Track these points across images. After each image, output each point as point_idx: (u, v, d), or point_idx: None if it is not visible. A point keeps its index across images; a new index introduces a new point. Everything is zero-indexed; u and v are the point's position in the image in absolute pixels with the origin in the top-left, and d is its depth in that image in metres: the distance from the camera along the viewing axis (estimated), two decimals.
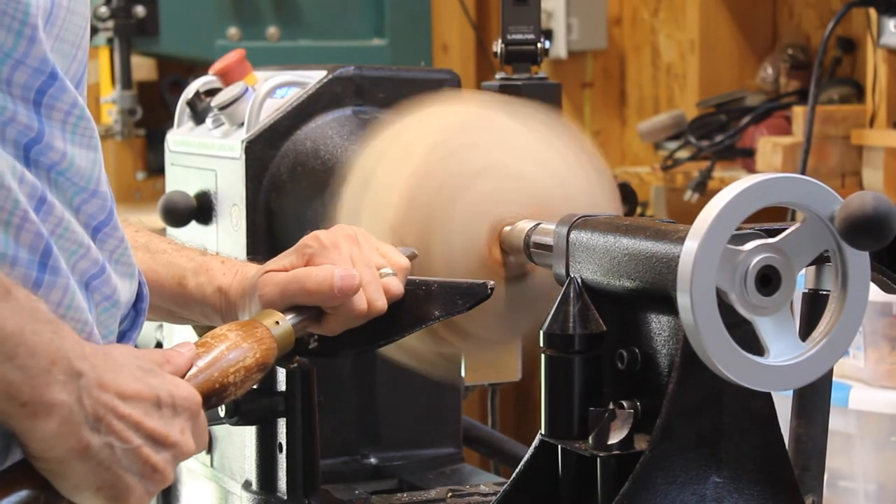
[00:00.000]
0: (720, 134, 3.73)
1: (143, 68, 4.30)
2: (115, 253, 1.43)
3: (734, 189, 1.32)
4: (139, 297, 1.51)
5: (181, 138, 2.29)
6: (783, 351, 1.35)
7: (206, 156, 2.20)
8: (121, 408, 1.29)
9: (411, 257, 1.71)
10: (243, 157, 2.09)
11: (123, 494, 1.31)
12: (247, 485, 1.81)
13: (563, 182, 1.76)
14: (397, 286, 1.66)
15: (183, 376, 1.41)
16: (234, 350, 1.47)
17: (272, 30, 4.14)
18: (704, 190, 3.63)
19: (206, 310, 1.71)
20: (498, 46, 2.23)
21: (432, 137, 1.79)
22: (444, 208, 1.72)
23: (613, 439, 1.46)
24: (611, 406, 1.49)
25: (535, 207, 1.72)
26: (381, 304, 1.64)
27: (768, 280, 1.33)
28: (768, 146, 3.47)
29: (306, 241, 1.66)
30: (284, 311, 1.59)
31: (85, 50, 1.42)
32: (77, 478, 1.29)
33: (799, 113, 3.43)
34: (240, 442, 2.01)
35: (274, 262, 1.66)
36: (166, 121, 3.76)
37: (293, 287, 1.61)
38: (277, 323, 1.55)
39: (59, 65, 1.35)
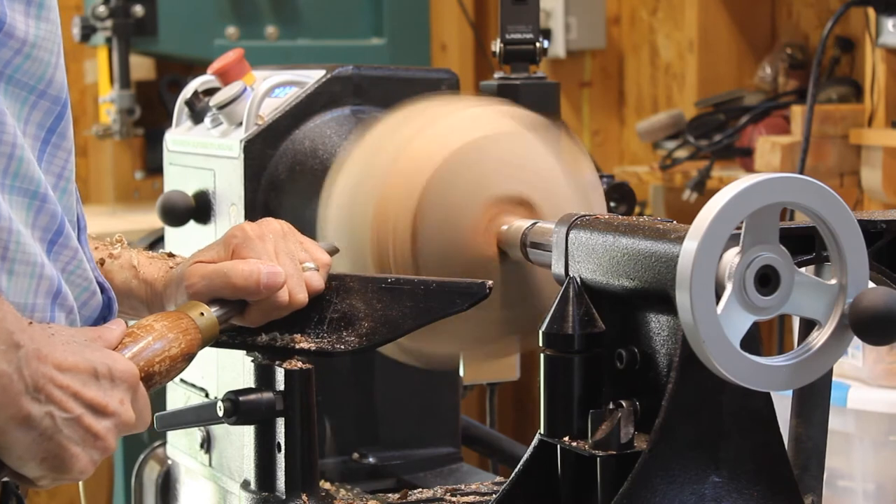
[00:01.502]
0: (719, 133, 3.73)
1: (142, 68, 4.30)
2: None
3: (733, 189, 1.32)
4: (110, 311, 1.54)
5: (180, 138, 2.29)
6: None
7: (204, 155, 2.20)
8: (59, 378, 1.33)
9: (332, 252, 1.75)
10: (242, 156, 2.09)
11: (68, 463, 1.35)
12: (245, 484, 1.81)
13: (555, 166, 1.78)
14: (318, 281, 1.70)
15: (114, 350, 1.45)
16: (159, 340, 1.52)
17: (271, 29, 4.14)
18: (703, 189, 3.63)
19: (133, 302, 1.74)
20: (496, 46, 2.23)
21: (426, 131, 1.79)
22: (436, 194, 1.73)
23: (613, 439, 1.46)
24: (610, 406, 1.49)
25: (532, 184, 1.74)
26: (302, 297, 1.68)
27: (767, 280, 1.33)
28: (767, 145, 3.47)
29: (233, 232, 1.70)
30: (209, 302, 1.64)
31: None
32: (21, 448, 1.32)
33: (797, 112, 3.43)
34: (238, 441, 2.01)
35: (201, 253, 1.70)
36: (165, 120, 3.77)
37: (219, 280, 1.65)
38: (202, 314, 1.60)
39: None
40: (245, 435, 1.81)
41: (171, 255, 1.78)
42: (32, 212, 1.41)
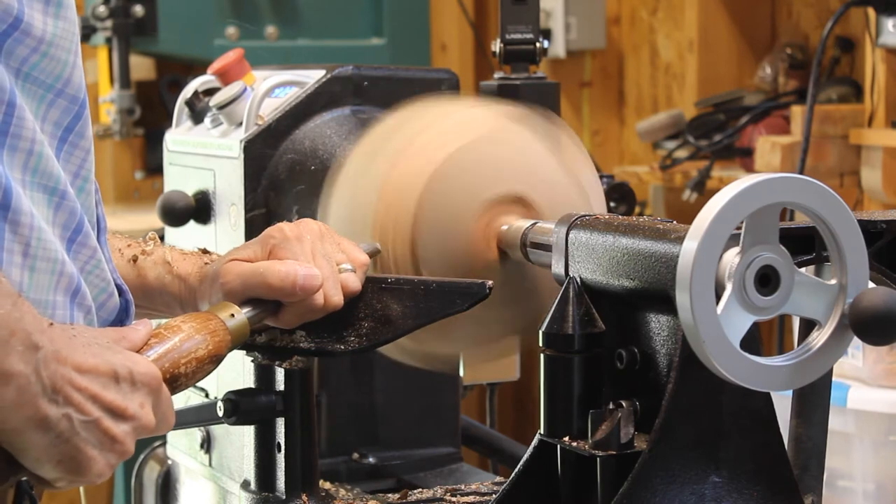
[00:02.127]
0: (719, 133, 3.73)
1: (142, 68, 4.30)
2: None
3: (733, 189, 1.32)
4: (127, 314, 1.53)
5: (180, 138, 2.29)
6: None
7: (204, 155, 2.20)
8: (78, 380, 1.32)
9: (372, 253, 1.73)
10: (242, 156, 2.09)
11: (85, 466, 1.34)
12: (245, 484, 1.81)
13: (552, 163, 1.78)
14: (354, 282, 1.68)
15: (139, 351, 1.43)
16: (186, 341, 1.50)
17: (271, 29, 4.14)
18: (703, 189, 3.63)
19: (166, 298, 1.73)
20: (496, 46, 2.23)
21: (426, 134, 1.79)
22: (434, 198, 1.73)
23: (613, 439, 1.46)
24: (610, 406, 1.49)
25: (529, 182, 1.74)
26: (338, 299, 1.66)
27: (767, 280, 1.33)
28: (767, 145, 3.47)
29: (270, 232, 1.69)
30: (243, 302, 1.62)
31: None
32: (37, 450, 1.31)
33: (797, 112, 3.43)
34: (238, 441, 2.01)
35: (237, 251, 1.68)
36: (165, 120, 3.76)
37: (255, 280, 1.63)
38: (233, 315, 1.58)
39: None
40: (245, 435, 1.81)
41: (205, 251, 1.77)
42: (52, 208, 1.41)
